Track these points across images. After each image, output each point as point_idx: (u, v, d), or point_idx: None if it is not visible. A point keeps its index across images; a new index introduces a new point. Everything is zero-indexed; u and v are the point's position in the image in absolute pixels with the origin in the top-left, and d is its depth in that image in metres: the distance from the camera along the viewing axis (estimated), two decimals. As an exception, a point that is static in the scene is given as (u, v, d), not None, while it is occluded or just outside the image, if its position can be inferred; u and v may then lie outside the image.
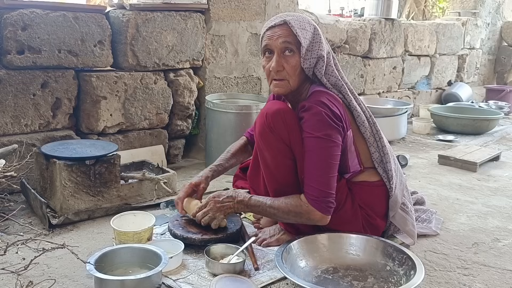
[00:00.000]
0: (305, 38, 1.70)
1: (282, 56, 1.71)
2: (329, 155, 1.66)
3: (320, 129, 1.65)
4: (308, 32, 1.71)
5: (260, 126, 1.74)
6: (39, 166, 2.19)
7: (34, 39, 2.33)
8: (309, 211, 1.66)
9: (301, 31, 1.69)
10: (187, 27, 2.88)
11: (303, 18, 1.74)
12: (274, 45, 1.71)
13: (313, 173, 1.66)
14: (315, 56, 1.72)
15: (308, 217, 1.67)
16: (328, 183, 1.65)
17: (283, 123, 1.70)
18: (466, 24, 5.52)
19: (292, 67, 1.71)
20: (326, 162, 1.65)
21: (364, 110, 1.84)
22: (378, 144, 1.83)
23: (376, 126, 1.84)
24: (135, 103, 2.74)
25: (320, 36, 1.74)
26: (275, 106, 1.74)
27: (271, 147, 1.73)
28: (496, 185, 2.86)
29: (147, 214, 1.92)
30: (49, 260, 1.73)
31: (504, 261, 1.89)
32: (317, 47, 1.72)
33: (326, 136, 1.64)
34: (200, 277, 1.64)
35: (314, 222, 1.69)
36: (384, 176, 1.84)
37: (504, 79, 6.39)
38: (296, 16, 1.73)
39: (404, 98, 4.85)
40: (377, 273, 1.68)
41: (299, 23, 1.70)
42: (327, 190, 1.65)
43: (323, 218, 1.67)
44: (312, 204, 1.65)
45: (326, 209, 1.66)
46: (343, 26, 4.06)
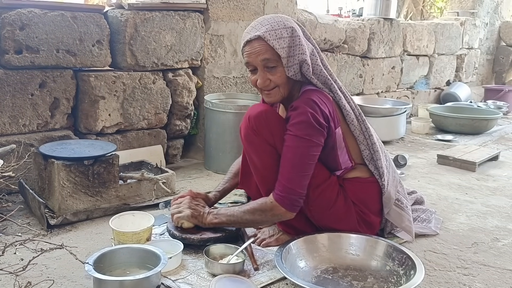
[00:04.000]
0: (283, 48, 1.66)
1: (266, 70, 1.70)
2: (305, 154, 1.66)
3: (302, 129, 1.65)
4: (285, 39, 1.67)
5: (245, 129, 1.76)
6: (37, 166, 2.18)
7: (32, 39, 2.32)
8: (272, 207, 1.68)
9: (278, 41, 1.66)
10: (185, 27, 2.88)
11: (279, 24, 1.68)
12: (255, 62, 1.70)
13: (284, 170, 1.67)
14: (297, 61, 1.70)
15: (272, 213, 1.69)
16: (297, 181, 1.66)
17: (266, 124, 1.71)
18: (465, 24, 5.53)
19: (278, 78, 1.71)
20: (300, 161, 1.66)
21: (353, 108, 1.84)
22: (368, 141, 1.83)
23: (365, 124, 1.84)
24: (134, 103, 2.73)
25: (299, 38, 1.70)
26: (258, 109, 1.75)
27: (257, 149, 1.74)
28: (495, 184, 2.86)
29: (146, 214, 1.91)
30: (47, 260, 1.73)
31: (504, 260, 1.89)
32: (298, 51, 1.69)
33: (306, 136, 1.65)
34: (199, 278, 1.63)
35: (279, 217, 1.71)
36: (375, 173, 1.84)
37: (503, 79, 6.40)
38: (271, 24, 1.68)
39: (403, 98, 4.85)
40: (376, 273, 1.68)
41: (274, 32, 1.66)
42: (294, 187, 1.65)
43: (287, 213, 1.69)
44: (276, 199, 1.67)
45: (290, 205, 1.66)
46: (342, 26, 4.06)
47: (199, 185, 2.65)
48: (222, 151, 2.84)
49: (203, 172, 2.91)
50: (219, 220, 1.78)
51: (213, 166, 2.91)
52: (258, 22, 1.71)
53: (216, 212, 1.80)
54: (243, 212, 1.74)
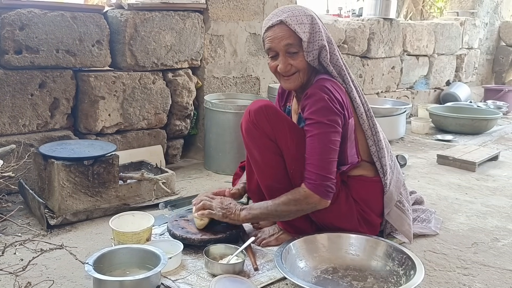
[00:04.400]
0: (304, 33, 1.70)
1: (287, 56, 1.73)
2: (329, 140, 1.66)
3: (322, 114, 1.66)
4: (306, 25, 1.71)
5: (245, 123, 1.77)
6: (37, 166, 2.18)
7: (32, 39, 2.32)
8: (306, 196, 1.66)
9: (299, 26, 1.70)
10: (185, 27, 2.88)
11: (299, 11, 1.73)
12: (278, 47, 1.73)
13: (312, 157, 1.67)
14: (317, 46, 1.73)
15: (307, 202, 1.67)
16: (327, 167, 1.66)
17: (266, 118, 1.72)
18: (464, 24, 5.52)
19: (299, 63, 1.74)
20: (326, 147, 1.66)
21: (363, 102, 1.85)
22: (375, 138, 1.84)
23: (373, 120, 1.85)
24: (134, 103, 2.73)
25: (319, 26, 1.74)
26: (258, 104, 1.77)
27: (257, 143, 1.75)
28: (495, 184, 2.86)
29: (146, 215, 1.91)
30: (47, 261, 1.73)
31: (504, 260, 1.89)
32: (318, 37, 1.73)
33: (328, 121, 1.66)
34: (199, 278, 1.63)
35: (313, 206, 1.69)
36: (380, 170, 1.84)
37: (502, 79, 6.40)
38: (291, 11, 1.72)
39: (403, 98, 4.85)
40: (376, 273, 1.68)
41: (296, 18, 1.70)
42: (325, 174, 1.65)
43: (322, 201, 1.67)
44: (310, 188, 1.66)
45: (324, 192, 1.66)
46: (342, 26, 4.06)
47: (199, 185, 2.65)
48: (222, 151, 2.84)
49: (203, 172, 2.91)
50: (252, 215, 1.77)
51: (213, 166, 2.91)
52: (279, 10, 1.75)
53: (249, 208, 1.79)
54: (277, 204, 1.71)
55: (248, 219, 1.78)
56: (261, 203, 1.77)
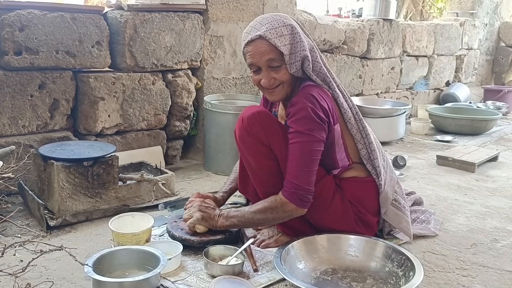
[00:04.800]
0: (285, 46, 1.67)
1: (270, 70, 1.72)
2: (309, 150, 1.66)
3: (303, 124, 1.65)
4: (286, 36, 1.68)
5: (239, 130, 1.77)
6: (37, 167, 2.18)
7: (32, 40, 2.32)
8: (282, 203, 1.67)
9: (279, 39, 1.67)
10: (185, 28, 2.88)
11: (278, 22, 1.68)
12: (260, 63, 1.70)
13: (291, 167, 1.67)
14: (299, 57, 1.71)
15: (283, 209, 1.68)
16: (304, 177, 1.66)
17: (260, 125, 1.72)
18: (464, 24, 5.53)
19: (282, 76, 1.72)
20: (306, 157, 1.66)
21: (351, 107, 1.84)
22: (365, 141, 1.84)
23: (362, 123, 1.85)
24: (133, 104, 2.73)
25: (300, 35, 1.71)
26: (251, 110, 1.77)
27: (252, 150, 1.75)
28: (495, 185, 2.86)
29: (145, 216, 1.91)
30: (47, 262, 1.73)
31: (503, 261, 1.89)
32: (299, 47, 1.70)
33: (308, 131, 1.65)
34: (198, 279, 1.63)
35: (290, 214, 1.70)
36: (373, 172, 1.85)
37: (502, 80, 6.41)
38: (270, 23, 1.68)
39: (402, 99, 4.86)
40: (376, 274, 1.68)
41: (275, 31, 1.67)
42: (302, 184, 1.65)
43: (298, 210, 1.68)
44: (286, 196, 1.66)
45: (299, 201, 1.66)
46: (341, 26, 4.06)
47: (198, 186, 2.65)
48: (222, 152, 2.84)
49: (202, 173, 2.91)
50: (230, 222, 1.77)
51: (213, 167, 2.91)
52: (257, 22, 1.71)
53: (226, 215, 1.79)
54: (254, 212, 1.72)
55: (225, 225, 1.78)
56: (240, 210, 1.78)
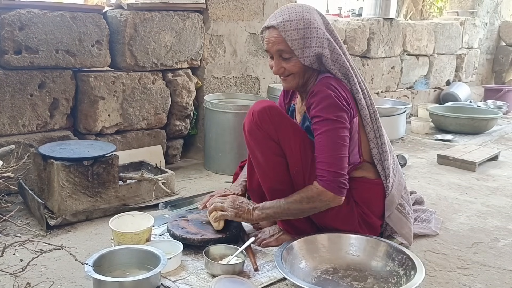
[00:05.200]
0: (294, 40, 1.67)
1: (281, 59, 1.73)
2: (338, 136, 1.66)
3: (330, 111, 1.66)
4: (300, 30, 1.68)
5: (248, 124, 1.77)
6: (37, 166, 2.18)
7: (32, 39, 2.31)
8: (319, 193, 1.66)
9: (291, 33, 1.67)
10: (185, 27, 2.87)
11: (297, 14, 1.69)
12: (271, 50, 1.74)
13: (323, 155, 1.66)
14: (313, 53, 1.71)
15: (320, 199, 1.66)
16: (338, 164, 1.65)
17: (270, 119, 1.72)
18: (464, 23, 5.52)
19: (292, 67, 1.73)
20: (336, 143, 1.66)
21: (368, 105, 1.83)
22: (378, 141, 1.83)
23: (378, 123, 1.84)
24: (133, 103, 2.73)
25: (317, 30, 1.70)
26: (261, 104, 1.76)
27: (261, 145, 1.74)
28: (495, 184, 2.85)
29: (145, 215, 1.91)
30: (47, 261, 1.72)
31: (504, 261, 1.89)
32: (314, 43, 1.70)
33: (336, 117, 1.65)
34: (199, 278, 1.63)
35: (327, 203, 1.68)
36: (381, 173, 1.84)
37: (502, 79, 6.40)
38: (289, 14, 1.69)
39: (403, 98, 4.85)
40: (377, 274, 1.68)
41: (289, 23, 1.67)
42: (337, 170, 1.65)
43: (336, 198, 1.66)
44: (323, 185, 1.65)
45: (337, 189, 1.65)
46: (342, 26, 4.05)
47: (198, 185, 2.65)
48: (222, 151, 2.84)
49: (202, 172, 2.91)
50: (265, 214, 1.75)
51: (213, 166, 2.91)
52: (279, 11, 1.74)
53: (261, 207, 1.76)
54: (289, 202, 1.70)
55: (261, 218, 1.77)
56: (273, 202, 1.75)
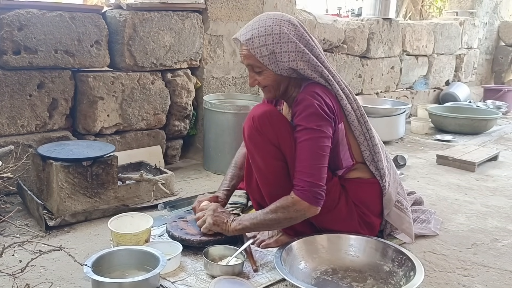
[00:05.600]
0: (264, 56, 1.67)
1: (254, 72, 1.75)
2: (319, 146, 1.65)
3: (312, 120, 1.65)
4: (269, 46, 1.66)
5: (248, 129, 1.75)
6: (36, 167, 2.17)
7: (31, 39, 2.31)
8: (294, 202, 1.63)
9: (260, 49, 1.66)
10: (184, 27, 2.87)
11: (266, 29, 1.67)
12: (244, 63, 1.76)
13: (301, 164, 1.65)
14: (287, 67, 1.70)
15: (295, 209, 1.64)
16: (316, 174, 1.63)
17: (270, 124, 1.71)
18: (464, 23, 5.52)
19: (265, 80, 1.74)
20: (315, 153, 1.64)
21: (355, 109, 1.82)
22: (369, 143, 1.83)
23: (367, 125, 1.83)
24: (133, 104, 2.73)
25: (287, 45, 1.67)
26: (261, 109, 1.75)
27: (261, 149, 1.73)
28: (495, 185, 2.85)
29: (145, 216, 1.91)
30: (46, 262, 1.72)
31: (504, 261, 1.88)
32: (287, 58, 1.68)
33: (317, 127, 1.65)
34: (198, 279, 1.63)
35: (303, 213, 1.65)
36: (376, 174, 1.84)
37: (502, 79, 6.40)
38: (258, 29, 1.68)
39: (402, 98, 4.85)
40: (376, 274, 1.68)
41: (258, 40, 1.66)
42: (314, 181, 1.63)
43: (311, 208, 1.64)
44: (298, 194, 1.63)
45: (313, 199, 1.63)
46: (341, 26, 4.05)
47: (198, 185, 2.65)
48: (221, 151, 2.83)
49: (202, 172, 2.90)
50: (242, 225, 1.74)
51: (212, 166, 2.90)
52: (250, 24, 1.73)
53: (240, 219, 1.76)
54: (265, 213, 1.69)
55: (238, 230, 1.75)
56: (252, 214, 1.76)
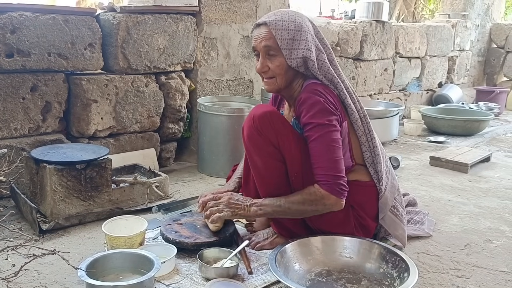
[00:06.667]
0: (284, 39, 1.70)
1: (267, 57, 1.74)
2: (332, 139, 1.67)
3: (320, 116, 1.66)
4: (291, 31, 1.70)
5: (248, 129, 1.75)
6: (29, 170, 2.16)
7: (24, 42, 2.30)
8: (323, 196, 1.65)
9: (281, 32, 1.70)
10: (178, 30, 2.87)
11: (290, 16, 1.73)
12: (258, 47, 1.75)
13: (320, 160, 1.66)
14: (300, 55, 1.72)
15: (323, 203, 1.66)
16: (336, 167, 1.66)
17: (271, 125, 1.71)
18: (456, 26, 5.56)
19: (277, 67, 1.74)
20: (330, 147, 1.66)
21: (358, 109, 1.84)
22: (370, 144, 1.84)
23: (369, 126, 1.85)
24: (126, 106, 2.72)
25: (306, 34, 1.73)
26: (262, 109, 1.75)
27: (260, 150, 1.73)
28: (487, 186, 2.87)
29: (139, 219, 1.90)
30: (39, 266, 1.71)
31: (496, 262, 1.90)
32: (302, 46, 1.71)
33: (327, 121, 1.67)
34: (193, 282, 1.62)
35: (330, 207, 1.68)
36: (374, 176, 1.84)
37: (494, 81, 6.45)
38: (281, 15, 1.73)
39: (396, 100, 4.88)
40: (370, 276, 1.68)
41: (281, 23, 1.70)
42: (336, 173, 1.65)
43: (338, 202, 1.67)
44: (326, 189, 1.65)
45: (339, 192, 1.65)
46: (335, 28, 4.07)
47: (192, 188, 2.64)
48: (216, 154, 2.84)
49: (196, 175, 2.90)
50: (264, 211, 1.73)
51: (207, 169, 2.90)
52: (272, 12, 1.76)
53: (260, 203, 1.74)
54: (291, 202, 1.69)
55: (258, 214, 1.75)
56: (273, 200, 1.73)
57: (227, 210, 1.78)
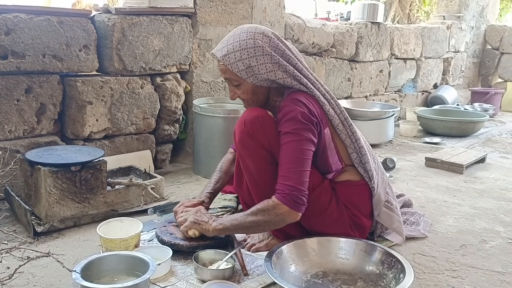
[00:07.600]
0: (241, 71, 1.70)
1: (234, 86, 1.78)
2: (298, 149, 1.64)
3: (290, 125, 1.66)
4: (244, 61, 1.69)
5: (240, 133, 1.75)
6: (24, 172, 2.15)
7: (18, 44, 2.29)
8: (275, 206, 1.61)
9: (236, 64, 1.69)
10: (173, 31, 2.87)
11: (240, 43, 1.70)
12: (223, 77, 1.79)
13: (282, 168, 1.65)
14: (265, 78, 1.72)
15: (275, 212, 1.61)
16: (296, 178, 1.62)
17: (262, 129, 1.71)
18: (451, 27, 5.59)
19: (243, 94, 1.77)
20: (297, 157, 1.64)
21: (338, 113, 1.83)
22: (355, 145, 1.84)
23: (352, 128, 1.85)
24: (122, 108, 2.71)
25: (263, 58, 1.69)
26: (253, 113, 1.75)
27: (252, 154, 1.73)
28: (483, 187, 2.88)
29: (134, 221, 1.89)
30: (34, 269, 1.70)
31: (492, 262, 1.90)
32: (264, 70, 1.70)
33: (294, 130, 1.65)
34: (188, 284, 1.62)
35: (282, 218, 1.62)
36: (365, 175, 1.85)
37: (489, 82, 6.48)
38: (232, 45, 1.70)
39: (391, 101, 4.89)
40: (366, 277, 1.68)
41: (233, 56, 1.69)
42: (294, 184, 1.61)
43: (291, 213, 1.61)
44: (278, 198, 1.61)
45: (293, 203, 1.60)
46: (330, 30, 4.08)
47: (188, 190, 2.64)
48: (211, 155, 2.83)
49: (192, 177, 2.90)
50: (223, 226, 1.72)
51: (202, 170, 2.90)
52: (225, 40, 1.76)
53: (221, 219, 1.76)
54: (246, 214, 1.68)
55: (218, 229, 1.73)
56: (233, 215, 1.76)
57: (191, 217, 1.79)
